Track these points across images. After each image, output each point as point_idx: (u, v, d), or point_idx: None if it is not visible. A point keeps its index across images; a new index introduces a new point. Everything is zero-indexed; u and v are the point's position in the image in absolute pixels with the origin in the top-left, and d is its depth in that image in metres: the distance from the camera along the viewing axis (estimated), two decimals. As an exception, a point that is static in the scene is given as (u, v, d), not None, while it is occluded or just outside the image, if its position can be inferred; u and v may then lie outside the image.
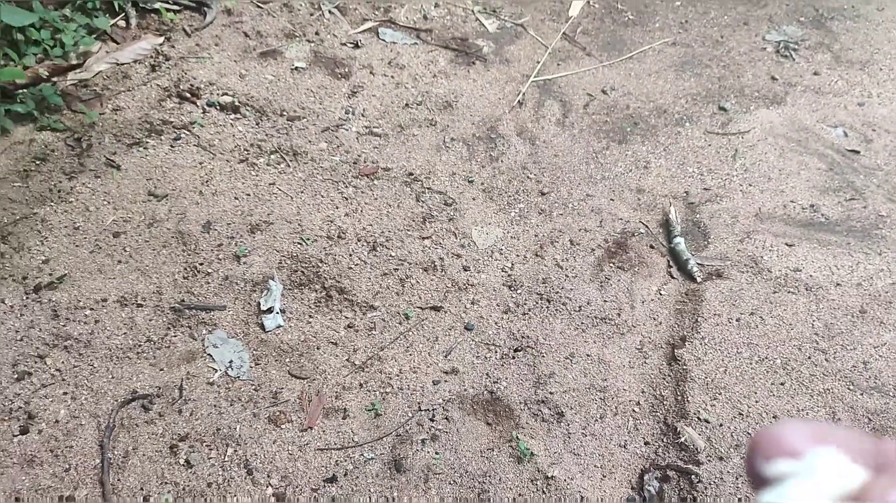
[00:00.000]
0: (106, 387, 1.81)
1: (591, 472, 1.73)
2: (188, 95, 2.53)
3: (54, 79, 2.49)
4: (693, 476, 1.74)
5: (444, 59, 2.88)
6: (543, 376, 1.90)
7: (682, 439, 1.80)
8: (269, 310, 1.98)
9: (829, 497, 0.30)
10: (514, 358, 1.94)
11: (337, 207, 2.27)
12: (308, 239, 2.16)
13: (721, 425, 1.84)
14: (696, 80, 2.94)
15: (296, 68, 2.73)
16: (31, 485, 1.63)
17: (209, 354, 1.90)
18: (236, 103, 2.53)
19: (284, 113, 2.54)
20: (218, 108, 2.51)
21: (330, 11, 3.01)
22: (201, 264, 2.07)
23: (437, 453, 1.73)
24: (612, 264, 2.21)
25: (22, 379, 1.80)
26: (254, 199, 2.26)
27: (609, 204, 2.40)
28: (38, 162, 2.26)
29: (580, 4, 3.28)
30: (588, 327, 2.04)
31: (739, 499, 1.72)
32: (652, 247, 2.28)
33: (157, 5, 2.84)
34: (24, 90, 2.41)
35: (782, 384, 1.94)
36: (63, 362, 1.84)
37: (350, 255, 2.14)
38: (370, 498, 1.65)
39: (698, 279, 2.18)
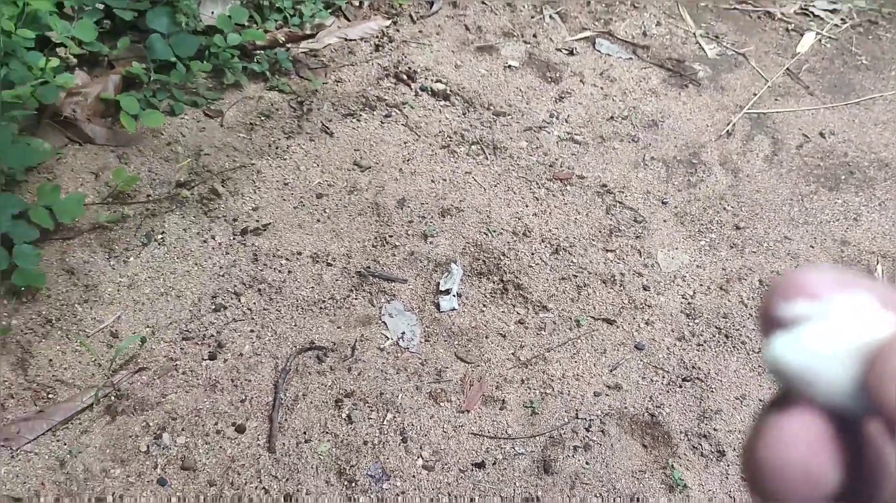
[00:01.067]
0: (288, 332, 1.93)
1: (745, 520, 1.66)
2: (404, 77, 2.64)
3: (288, 45, 2.68)
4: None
5: (657, 77, 2.83)
6: (709, 411, 1.83)
7: None
8: (447, 292, 2.04)
9: (850, 342, 0.26)
10: (680, 386, 1.88)
11: (527, 206, 2.30)
12: (494, 231, 2.21)
13: None
14: (928, 137, 2.72)
15: (509, 66, 2.78)
16: (210, 408, 1.77)
17: (384, 322, 1.98)
18: (448, 91, 2.62)
19: (491, 107, 2.60)
20: (430, 93, 2.61)
21: (550, 16, 3.04)
22: (391, 237, 2.16)
23: (587, 463, 1.72)
24: (801, 313, 2.09)
25: (218, 310, 1.96)
26: (449, 185, 2.33)
27: (808, 250, 2.28)
28: (263, 118, 2.45)
29: (810, 41, 3.12)
30: (764, 371, 1.94)
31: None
32: (849, 303, 2.13)
33: (390, -10, 2.99)
34: (261, 52, 2.61)
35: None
36: (255, 303, 1.99)
37: (532, 254, 2.16)
38: (514, 491, 1.67)
39: None
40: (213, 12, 2.63)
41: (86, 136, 2.24)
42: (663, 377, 1.91)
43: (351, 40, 2.79)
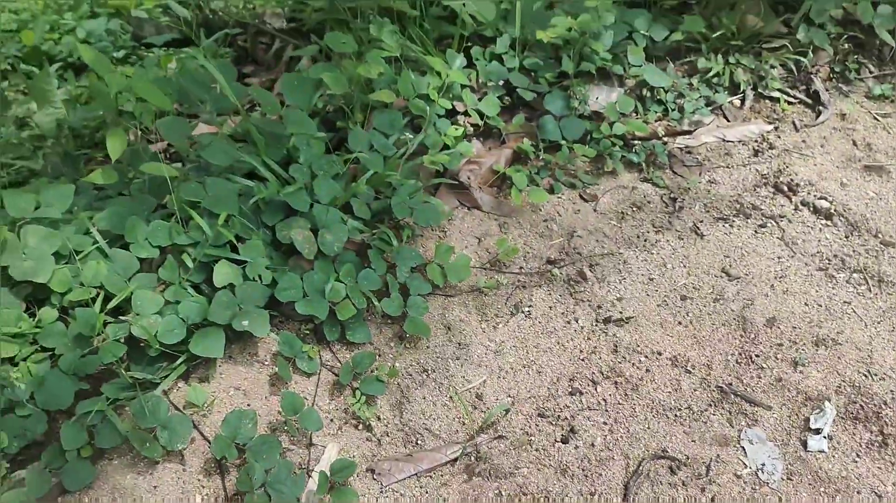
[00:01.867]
0: (641, 433, 1.91)
1: None
2: (784, 188, 2.54)
3: (666, 139, 2.70)
4: None
5: None
6: None
7: None
8: (817, 432, 1.89)
9: None
10: None
11: (916, 353, 2.08)
12: (875, 374, 2.02)
13: None
14: None
15: (902, 192, 2.57)
16: (559, 492, 1.79)
17: (743, 447, 1.88)
18: (831, 210, 2.46)
19: (879, 235, 2.41)
20: (811, 209, 2.48)
21: (955, 142, 2.76)
22: (757, 356, 2.06)
23: None
24: None
25: (574, 394, 1.99)
26: (824, 312, 2.18)
27: None
28: (634, 208, 2.48)
29: None
30: None
31: None
32: None
33: (776, 94, 2.90)
34: (640, 142, 2.66)
35: None
36: (610, 395, 1.99)
37: (921, 410, 1.94)
38: None
39: None
40: (597, 98, 2.73)
41: (475, 202, 2.41)
42: None
43: (728, 141, 2.74)
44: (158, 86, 2.21)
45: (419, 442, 1.88)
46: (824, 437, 1.89)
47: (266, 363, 1.97)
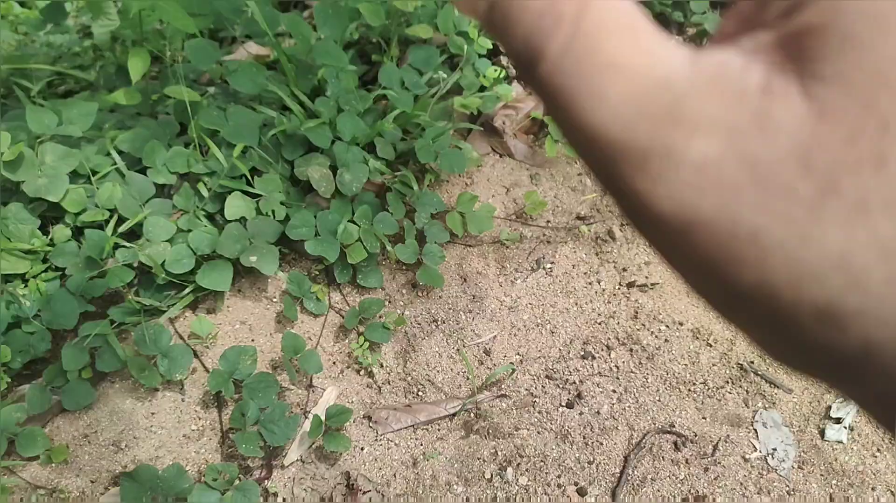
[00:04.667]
0: (649, 405, 1.84)
1: None
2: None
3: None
4: None
5: None
6: None
7: None
8: (838, 421, 1.79)
9: None
10: None
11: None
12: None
13: None
14: None
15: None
16: (556, 458, 1.74)
17: (755, 429, 1.80)
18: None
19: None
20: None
21: None
22: (784, 336, 1.95)
23: None
24: None
25: (586, 358, 1.93)
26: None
27: None
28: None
29: None
30: None
31: None
32: None
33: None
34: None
35: None
36: (624, 363, 1.92)
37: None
38: None
39: None
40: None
41: (507, 150, 2.32)
42: None
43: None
44: (191, 4, 2.15)
45: (420, 393, 1.85)
46: (845, 427, 1.79)
47: (275, 300, 1.95)
